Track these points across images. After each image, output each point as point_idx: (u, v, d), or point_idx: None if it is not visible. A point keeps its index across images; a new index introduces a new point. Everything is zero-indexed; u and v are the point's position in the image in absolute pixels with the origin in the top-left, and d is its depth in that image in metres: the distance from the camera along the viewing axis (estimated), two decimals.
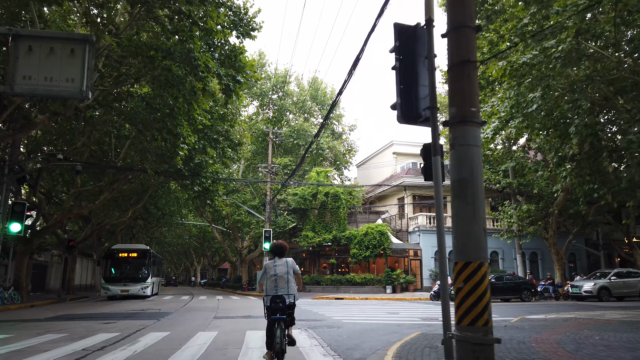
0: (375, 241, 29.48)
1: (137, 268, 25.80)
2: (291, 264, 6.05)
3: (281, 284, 5.87)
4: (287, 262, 6.02)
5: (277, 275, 5.90)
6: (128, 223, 37.30)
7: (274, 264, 6.00)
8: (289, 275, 5.95)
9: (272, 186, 32.34)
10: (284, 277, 5.90)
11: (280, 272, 5.92)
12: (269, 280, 5.93)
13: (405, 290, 29.31)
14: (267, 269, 6.02)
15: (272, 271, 5.94)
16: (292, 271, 6.02)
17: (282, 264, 5.98)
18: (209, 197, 22.32)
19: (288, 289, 5.88)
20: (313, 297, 26.88)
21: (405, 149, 36.18)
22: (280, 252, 6.13)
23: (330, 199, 31.30)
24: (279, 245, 6.19)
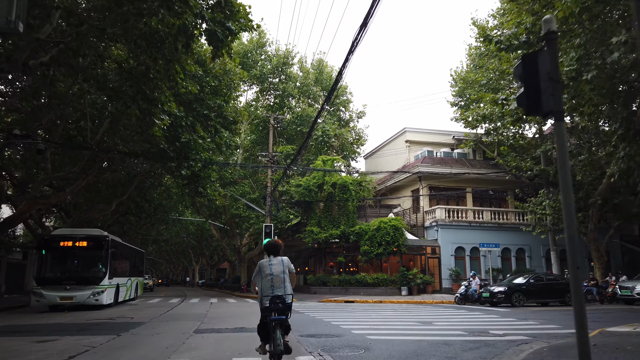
0: (388, 237, 26.32)
1: (88, 264, 17.86)
2: (286, 263, 5.90)
3: (277, 283, 5.70)
4: (282, 261, 5.88)
5: (273, 275, 5.70)
6: (116, 219, 34.27)
7: (270, 263, 5.83)
8: (285, 274, 5.79)
9: (273, 177, 29.23)
10: (280, 277, 5.73)
11: (277, 271, 5.75)
12: (264, 280, 5.74)
13: (422, 291, 26.14)
14: (262, 268, 5.84)
15: (268, 270, 5.75)
16: (287, 270, 5.86)
17: (277, 263, 5.83)
18: (200, 184, 19.19)
19: (285, 289, 5.72)
20: (319, 299, 23.77)
21: (420, 136, 33.00)
22: (275, 251, 5.99)
23: (337, 190, 28.14)
24: (273, 244, 6.09)
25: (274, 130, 30.79)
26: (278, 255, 5.96)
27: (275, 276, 5.71)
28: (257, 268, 5.92)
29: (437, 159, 30.69)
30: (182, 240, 64.87)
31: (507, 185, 29.09)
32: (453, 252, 27.32)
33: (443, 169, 29.10)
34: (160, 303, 20.96)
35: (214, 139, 18.67)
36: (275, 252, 5.98)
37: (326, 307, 18.83)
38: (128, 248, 23.58)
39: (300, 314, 14.54)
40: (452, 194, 30.07)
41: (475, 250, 27.78)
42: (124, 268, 21.38)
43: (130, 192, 27.28)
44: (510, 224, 28.54)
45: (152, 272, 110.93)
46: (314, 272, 30.20)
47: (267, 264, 5.83)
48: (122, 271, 20.98)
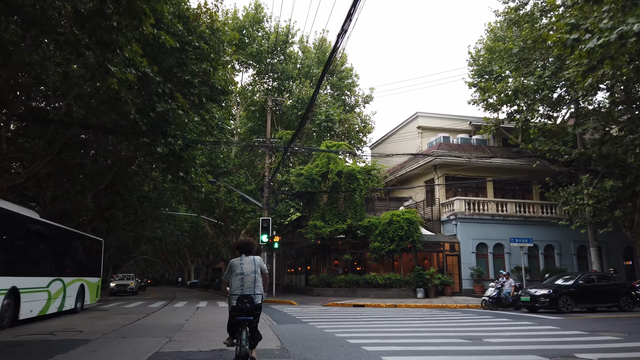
0: (401, 232, 23.18)
1: None
2: (259, 262, 5.81)
3: (247, 283, 5.61)
4: (254, 260, 5.79)
5: (243, 274, 5.64)
6: (99, 213, 31.13)
7: (240, 262, 5.75)
8: (256, 274, 5.68)
9: (271, 165, 26.12)
10: (251, 276, 5.64)
11: (247, 270, 5.66)
12: (235, 279, 5.66)
13: (440, 293, 23.02)
14: (232, 267, 5.75)
15: (239, 269, 5.68)
16: (259, 270, 5.75)
17: (249, 262, 5.74)
18: (182, 167, 16.07)
19: (255, 289, 5.62)
20: (323, 302, 20.67)
21: (433, 122, 29.86)
22: (247, 250, 5.89)
23: (343, 179, 25.00)
24: (245, 242, 5.98)
25: (272, 114, 27.69)
26: (250, 255, 5.87)
27: (246, 275, 5.62)
28: (228, 267, 5.78)
29: (455, 145, 27.57)
30: (176, 239, 61.83)
31: (532, 174, 25.97)
32: (474, 249, 24.19)
33: (461, 157, 25.95)
34: (136, 309, 17.82)
35: (199, 111, 15.50)
36: (247, 251, 5.87)
37: (333, 313, 15.73)
38: (53, 230, 14.73)
39: (304, 325, 11.44)
40: (471, 185, 26.95)
41: (498, 247, 24.65)
42: (42, 261, 13.36)
43: (111, 182, 24.18)
44: (537, 218, 25.42)
45: (138, 272, 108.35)
46: (317, 271, 27.10)
47: (238, 262, 5.73)
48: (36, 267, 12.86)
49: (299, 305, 20.13)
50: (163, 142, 14.24)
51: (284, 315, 14.72)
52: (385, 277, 23.10)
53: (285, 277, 33.90)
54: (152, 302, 22.61)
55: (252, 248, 5.98)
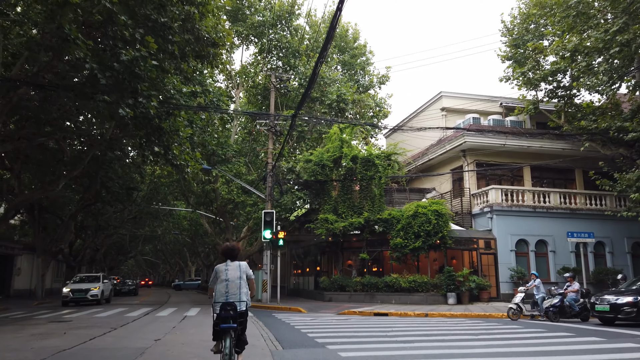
0: (429, 226, 19.65)
1: None
2: (244, 268, 5.72)
3: (232, 289, 5.53)
4: (239, 266, 5.70)
5: (228, 280, 5.56)
6: (85, 207, 27.81)
7: (225, 268, 5.65)
8: (241, 280, 5.61)
9: (275, 151, 22.69)
10: (236, 282, 5.57)
11: (232, 276, 5.58)
12: (219, 285, 5.58)
13: (475, 299, 19.47)
14: (217, 273, 5.67)
15: (224, 275, 5.59)
16: (244, 276, 5.69)
17: (234, 268, 5.65)
18: (162, 139, 12.66)
19: (240, 295, 5.53)
20: (337, 310, 17.22)
21: (459, 103, 26.29)
22: (232, 255, 5.81)
23: (359, 166, 21.50)
24: (230, 248, 5.85)
25: (277, 94, 24.24)
26: (235, 260, 5.78)
27: (231, 282, 5.55)
28: (214, 272, 5.73)
29: (487, 127, 23.98)
30: (175, 239, 58.55)
31: (576, 160, 22.39)
32: (513, 247, 20.61)
33: (496, 140, 22.39)
34: (107, 319, 14.39)
35: (180, 67, 12.03)
36: (232, 257, 5.80)
37: (353, 325, 12.24)
38: None
39: (320, 350, 7.95)
40: (507, 173, 23.37)
41: (541, 244, 21.06)
42: None
43: (90, 170, 20.85)
44: (586, 210, 21.80)
45: (140, 273, 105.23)
46: (328, 273, 23.61)
47: (224, 268, 5.68)
48: None
49: (309, 314, 16.68)
50: (131, 103, 10.80)
51: (290, 330, 11.26)
52: (410, 279, 19.57)
53: (291, 280, 30.40)
54: (135, 308, 19.22)
55: (237, 253, 5.86)
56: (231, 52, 28.99)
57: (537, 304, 14.33)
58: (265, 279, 21.31)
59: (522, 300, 14.48)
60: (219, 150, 24.74)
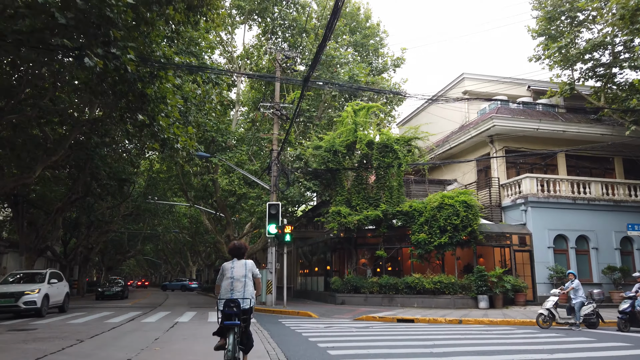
0: (456, 219, 17.24)
1: None
2: (250, 267, 5.75)
3: (237, 287, 5.57)
4: (245, 264, 5.74)
5: (233, 278, 5.60)
6: (73, 201, 25.54)
7: (232, 266, 5.71)
8: (246, 278, 5.65)
9: (280, 137, 20.36)
10: (241, 280, 5.60)
11: (237, 274, 5.62)
12: (224, 283, 5.62)
13: (510, 302, 17.07)
14: (224, 271, 5.72)
15: (229, 273, 5.65)
16: (250, 274, 5.72)
17: (240, 266, 5.70)
18: (146, 107, 10.31)
19: (244, 293, 5.55)
20: (353, 314, 14.90)
21: (483, 86, 23.84)
22: (238, 254, 5.84)
23: (376, 151, 19.12)
24: (237, 247, 5.89)
25: (282, 71, 21.88)
26: (242, 259, 5.81)
27: (236, 280, 5.59)
28: (220, 270, 5.77)
29: (517, 110, 21.54)
30: (176, 238, 56.28)
31: (617, 146, 19.99)
32: (551, 243, 18.18)
33: (528, 123, 19.98)
34: (82, 326, 12.07)
35: (163, 10, 9.64)
36: (239, 255, 5.82)
37: (378, 334, 9.88)
38: None
39: None
40: (538, 160, 20.95)
41: (581, 240, 18.63)
42: None
43: (73, 156, 18.62)
44: (631, 202, 19.35)
45: (141, 274, 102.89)
46: (340, 272, 21.25)
47: (230, 266, 5.70)
48: None
49: (321, 320, 14.31)
50: (101, 54, 8.45)
51: (303, 343, 8.90)
52: (435, 280, 17.15)
53: (297, 280, 28.02)
54: (122, 312, 16.89)
55: (244, 252, 5.90)
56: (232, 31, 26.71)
57: (574, 309, 11.92)
58: (270, 280, 18.95)
59: (556, 304, 12.09)
60: (219, 137, 22.43)
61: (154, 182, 36.67)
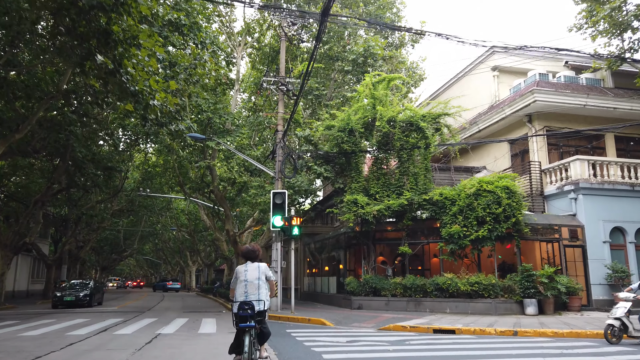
0: (498, 208, 14.46)
1: None
2: (263, 270, 5.83)
3: (251, 289, 5.63)
4: (259, 267, 5.79)
5: (247, 281, 5.65)
6: (54, 194, 22.89)
7: (245, 269, 5.77)
8: (260, 280, 5.70)
9: (286, 115, 17.67)
10: (255, 283, 5.66)
11: (251, 277, 5.68)
12: (239, 286, 5.69)
13: (562, 307, 14.28)
14: (237, 274, 5.79)
15: (243, 276, 5.70)
16: (264, 277, 5.77)
17: (253, 269, 5.76)
18: (110, 48, 7.58)
19: (258, 295, 5.62)
20: (376, 323, 12.23)
21: (515, 61, 21.03)
22: (252, 257, 5.90)
23: (398, 130, 16.34)
24: (250, 250, 5.97)
25: (287, 42, 19.19)
26: (255, 262, 5.85)
27: (250, 282, 5.64)
28: (234, 274, 5.85)
29: (560, 84, 18.73)
30: (174, 236, 53.59)
31: None
32: (607, 237, 15.38)
33: (575, 98, 17.20)
34: (32, 341, 9.37)
35: None
36: (252, 258, 5.87)
37: (420, 350, 7.18)
38: None
39: None
40: (582, 142, 18.17)
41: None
42: None
43: (45, 137, 15.98)
44: None
45: (140, 274, 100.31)
46: (354, 271, 18.53)
47: (243, 270, 5.75)
48: None
49: (338, 329, 11.61)
50: None
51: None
52: (472, 280, 14.35)
53: (304, 281, 25.26)
54: (101, 318, 14.17)
55: (258, 255, 5.93)
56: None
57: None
58: (275, 280, 16.21)
59: (628, 312, 9.28)
60: (216, 119, 19.71)
61: (150, 176, 34.12)
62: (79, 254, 34.64)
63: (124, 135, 27.63)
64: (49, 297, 28.68)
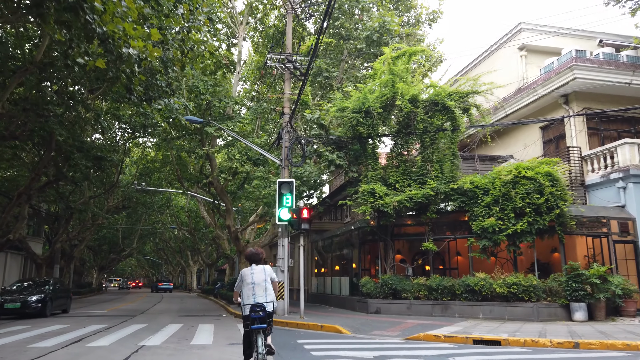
0: (539, 198, 12.52)
1: None
2: (269, 272, 5.89)
3: (259, 291, 5.67)
4: (264, 269, 5.86)
5: (254, 283, 5.69)
6: (31, 185, 21.02)
7: (251, 272, 5.80)
8: (266, 282, 5.76)
9: (293, 96, 15.81)
10: (262, 285, 5.71)
11: (258, 279, 5.72)
12: (246, 288, 5.73)
13: (614, 312, 12.35)
14: (244, 277, 5.80)
15: (250, 279, 5.73)
16: (269, 279, 5.83)
17: (259, 271, 5.80)
18: None
19: (266, 297, 5.68)
20: (401, 331, 10.47)
21: (544, 40, 19.04)
22: (256, 259, 5.94)
23: (422, 110, 14.41)
24: (254, 253, 6.00)
25: (294, 17, 17.31)
26: (260, 264, 5.90)
27: (257, 285, 5.67)
28: (240, 277, 5.85)
29: (601, 61, 16.76)
30: (175, 236, 51.77)
31: None
32: None
33: (619, 75, 15.25)
34: None
35: None
36: (257, 261, 5.91)
37: None
38: None
39: None
40: (625, 126, 16.20)
41: None
42: None
43: (25, 121, 14.17)
44: None
45: (142, 274, 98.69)
46: (369, 271, 16.63)
47: (249, 272, 5.78)
48: None
49: (357, 338, 9.73)
50: None
51: None
52: (510, 281, 12.41)
53: (312, 281, 23.32)
54: (81, 325, 12.31)
55: (262, 258, 5.97)
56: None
57: None
58: (282, 281, 14.33)
59: None
60: (215, 102, 17.83)
61: (148, 172, 32.37)
62: (72, 253, 32.83)
63: (120, 129, 25.89)
64: None
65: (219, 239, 27.01)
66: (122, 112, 22.73)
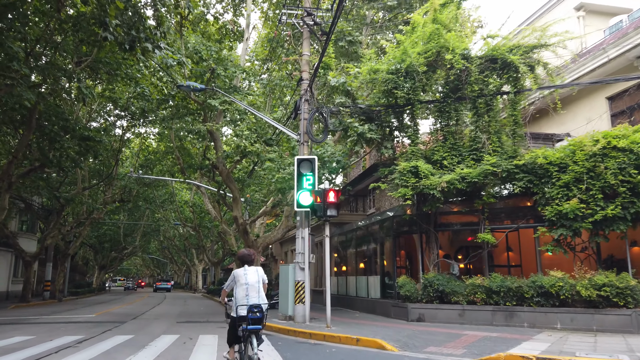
0: (637, 174, 9.67)
1: None
2: (261, 273, 5.80)
3: (252, 293, 5.58)
4: (257, 271, 5.79)
5: (248, 284, 5.60)
6: (7, 170, 18.44)
7: (244, 272, 5.69)
8: (259, 284, 5.68)
9: (313, 60, 13.12)
10: (255, 286, 5.63)
11: (252, 280, 5.64)
12: (239, 289, 5.61)
13: None
14: (237, 277, 5.69)
15: (243, 279, 5.62)
16: (261, 280, 5.74)
17: (252, 272, 5.71)
18: None
19: (259, 298, 5.58)
20: (465, 348, 7.61)
21: None
22: (249, 260, 5.83)
23: (476, 69, 11.60)
24: (247, 254, 5.89)
25: None
26: (252, 265, 5.80)
27: (251, 285, 5.59)
28: (232, 277, 5.76)
29: None
30: (179, 233, 49.25)
31: None
32: None
33: None
34: None
35: None
36: (249, 262, 5.81)
37: None
38: None
39: None
40: None
41: None
42: None
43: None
44: None
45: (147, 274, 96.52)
46: (406, 270, 13.84)
47: (243, 273, 5.68)
48: None
49: (406, 357, 6.97)
50: None
51: None
52: (599, 282, 9.57)
53: (332, 282, 20.51)
54: (52, 335, 9.66)
55: (254, 259, 5.92)
56: None
57: None
58: (302, 281, 11.61)
59: None
60: (221, 71, 15.11)
61: (149, 163, 29.94)
62: (67, 250, 30.31)
63: (117, 117, 23.47)
64: (27, 300, 24.41)
65: (226, 234, 24.34)
66: (118, 94, 20.22)
